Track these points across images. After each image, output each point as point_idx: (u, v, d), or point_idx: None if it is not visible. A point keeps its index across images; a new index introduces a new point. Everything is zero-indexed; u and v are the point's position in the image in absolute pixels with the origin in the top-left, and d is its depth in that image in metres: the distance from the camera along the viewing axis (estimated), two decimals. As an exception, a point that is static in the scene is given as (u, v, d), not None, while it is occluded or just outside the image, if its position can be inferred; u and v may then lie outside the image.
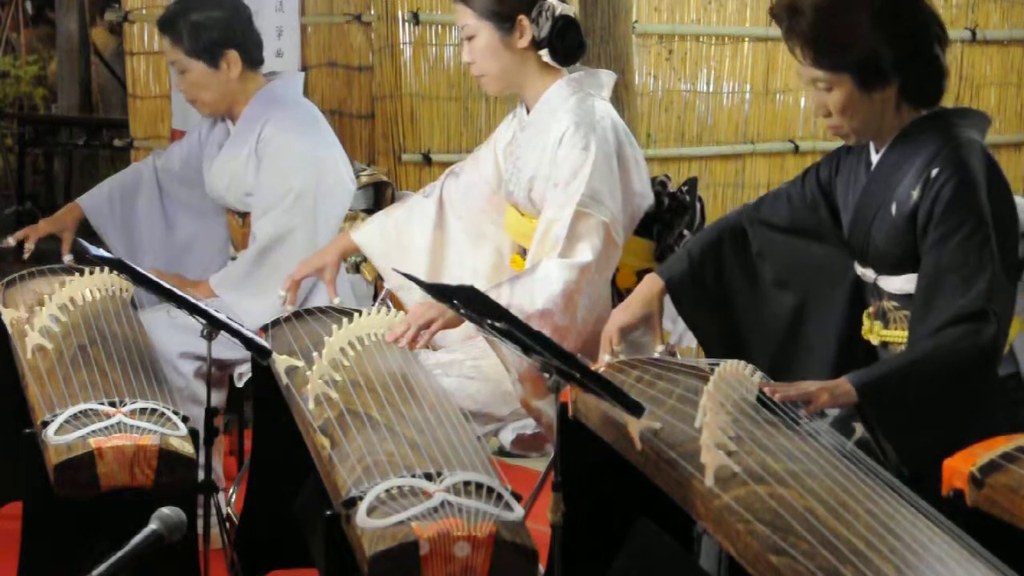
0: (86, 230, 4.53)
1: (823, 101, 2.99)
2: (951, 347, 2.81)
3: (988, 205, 2.88)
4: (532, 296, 3.41)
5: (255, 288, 4.22)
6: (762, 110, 6.23)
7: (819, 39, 2.94)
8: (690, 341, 3.80)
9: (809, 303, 3.21)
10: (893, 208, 2.97)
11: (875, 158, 3.07)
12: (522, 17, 3.60)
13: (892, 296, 3.03)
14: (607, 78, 3.72)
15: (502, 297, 3.38)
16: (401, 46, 5.64)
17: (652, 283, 3.27)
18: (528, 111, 3.72)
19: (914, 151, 2.97)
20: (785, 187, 3.30)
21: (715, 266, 3.27)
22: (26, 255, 4.41)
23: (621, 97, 3.77)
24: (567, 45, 3.63)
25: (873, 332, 3.09)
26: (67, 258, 4.42)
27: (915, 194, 2.93)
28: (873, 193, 3.03)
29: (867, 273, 3.08)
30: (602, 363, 3.13)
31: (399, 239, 3.93)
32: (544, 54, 3.63)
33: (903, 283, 3.00)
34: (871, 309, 3.09)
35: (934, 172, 2.91)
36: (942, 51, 3.00)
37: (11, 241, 4.45)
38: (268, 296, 4.12)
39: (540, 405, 3.41)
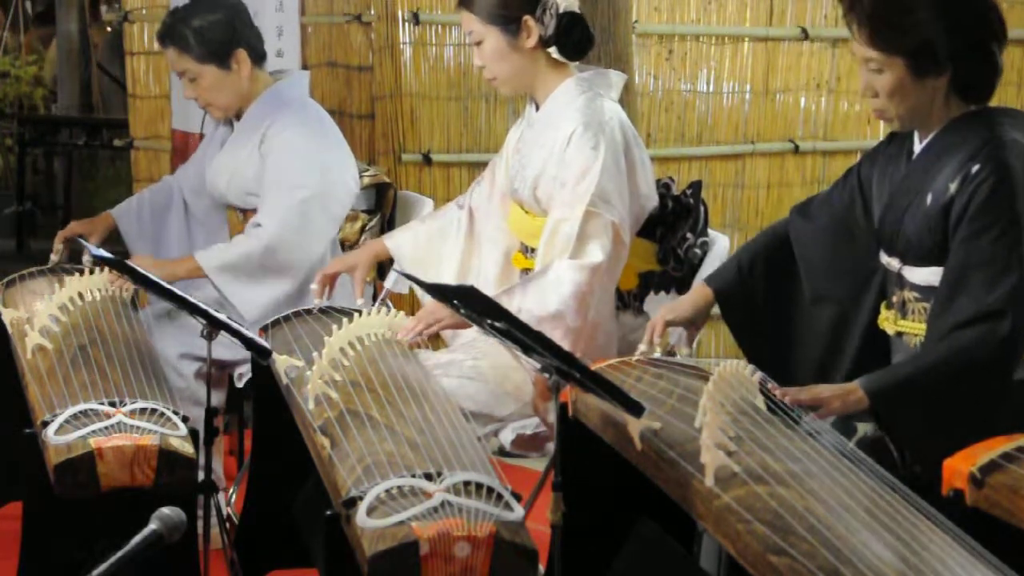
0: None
1: (872, 82, 2.96)
2: (965, 351, 2.80)
3: None
4: (544, 299, 3.41)
5: (253, 283, 4.21)
6: (762, 110, 6.22)
7: (878, 20, 2.92)
8: (689, 341, 3.80)
9: (845, 308, 3.19)
10: (929, 199, 2.95)
11: (918, 148, 3.05)
12: (527, 18, 3.59)
13: (915, 287, 3.01)
14: (616, 79, 3.72)
15: (514, 301, 3.38)
16: (401, 46, 5.64)
17: (703, 290, 3.28)
18: (537, 108, 3.71)
19: (957, 145, 2.95)
20: (831, 187, 3.29)
21: (764, 275, 3.26)
22: (56, 256, 4.42)
23: (621, 97, 3.76)
24: (575, 40, 3.63)
25: (889, 321, 3.07)
26: (86, 259, 4.41)
27: (952, 188, 2.91)
28: (911, 182, 3.02)
29: (892, 263, 3.06)
30: (639, 353, 3.15)
31: (429, 246, 3.93)
32: (553, 51, 3.63)
33: (928, 275, 2.98)
34: (892, 299, 3.08)
35: (974, 168, 2.89)
36: (999, 49, 2.97)
37: (59, 247, 4.45)
38: (262, 291, 4.16)
39: (549, 405, 3.41)
